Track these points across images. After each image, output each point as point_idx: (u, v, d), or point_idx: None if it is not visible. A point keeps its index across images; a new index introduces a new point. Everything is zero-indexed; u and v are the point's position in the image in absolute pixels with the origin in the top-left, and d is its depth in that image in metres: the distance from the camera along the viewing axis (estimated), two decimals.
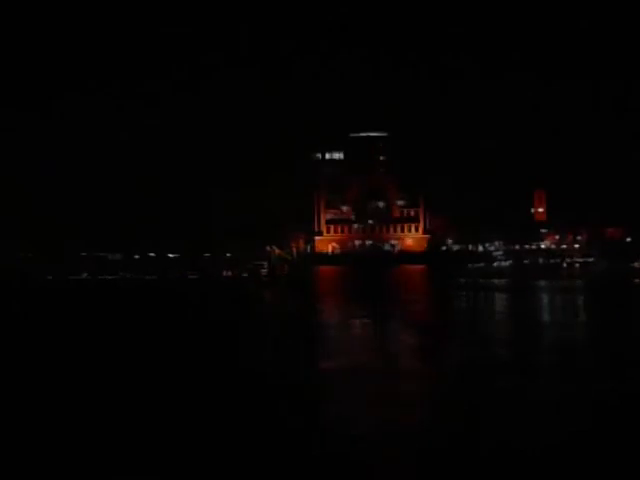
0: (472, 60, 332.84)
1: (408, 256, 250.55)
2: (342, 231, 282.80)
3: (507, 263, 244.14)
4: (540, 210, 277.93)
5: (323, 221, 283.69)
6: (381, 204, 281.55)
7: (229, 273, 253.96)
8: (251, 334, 44.57)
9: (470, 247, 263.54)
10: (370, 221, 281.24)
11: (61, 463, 17.94)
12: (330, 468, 16.96)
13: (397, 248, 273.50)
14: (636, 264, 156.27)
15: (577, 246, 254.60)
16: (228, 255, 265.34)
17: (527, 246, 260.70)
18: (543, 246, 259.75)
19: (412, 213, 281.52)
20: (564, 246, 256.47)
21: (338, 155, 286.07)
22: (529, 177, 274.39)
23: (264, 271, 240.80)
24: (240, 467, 17.51)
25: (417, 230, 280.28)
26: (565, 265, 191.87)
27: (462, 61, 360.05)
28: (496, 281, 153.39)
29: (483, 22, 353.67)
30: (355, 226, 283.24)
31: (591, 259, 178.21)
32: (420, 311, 60.15)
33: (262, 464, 17.60)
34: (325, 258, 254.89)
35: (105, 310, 61.70)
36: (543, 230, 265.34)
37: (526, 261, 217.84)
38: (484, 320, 52.83)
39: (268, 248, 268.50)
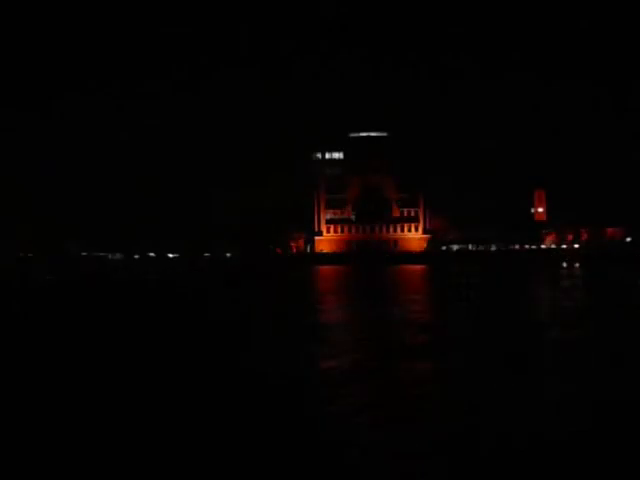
0: (472, 60, 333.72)
1: (408, 256, 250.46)
2: (342, 231, 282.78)
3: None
4: (540, 210, 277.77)
5: (323, 221, 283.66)
6: (381, 204, 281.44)
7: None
8: (251, 334, 44.56)
9: (470, 247, 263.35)
10: (370, 221, 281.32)
11: (62, 462, 17.92)
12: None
13: (397, 248, 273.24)
14: None
15: (577, 246, 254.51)
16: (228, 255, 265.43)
17: (527, 246, 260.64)
18: (543, 246, 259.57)
19: (412, 213, 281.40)
20: (564, 246, 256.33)
21: (338, 155, 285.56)
22: (529, 177, 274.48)
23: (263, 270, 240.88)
24: (240, 466, 17.50)
25: (417, 230, 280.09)
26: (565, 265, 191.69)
27: (462, 61, 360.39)
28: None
29: (483, 22, 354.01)
30: (355, 226, 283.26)
31: None
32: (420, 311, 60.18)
33: (262, 461, 17.60)
34: (325, 258, 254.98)
35: (105, 310, 61.68)
36: (543, 230, 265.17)
37: None
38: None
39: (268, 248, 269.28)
